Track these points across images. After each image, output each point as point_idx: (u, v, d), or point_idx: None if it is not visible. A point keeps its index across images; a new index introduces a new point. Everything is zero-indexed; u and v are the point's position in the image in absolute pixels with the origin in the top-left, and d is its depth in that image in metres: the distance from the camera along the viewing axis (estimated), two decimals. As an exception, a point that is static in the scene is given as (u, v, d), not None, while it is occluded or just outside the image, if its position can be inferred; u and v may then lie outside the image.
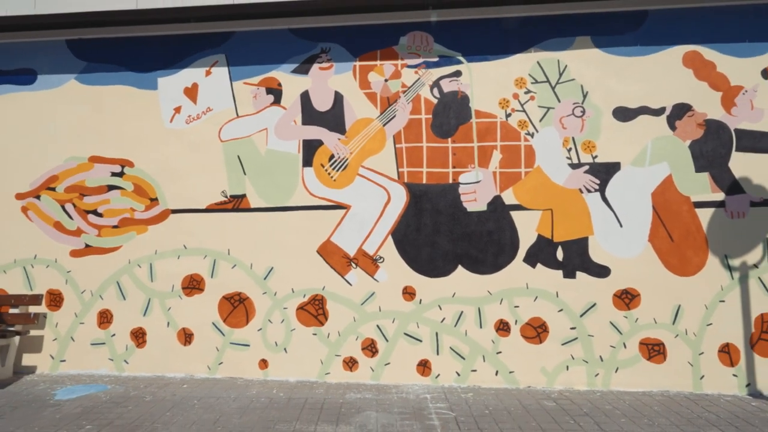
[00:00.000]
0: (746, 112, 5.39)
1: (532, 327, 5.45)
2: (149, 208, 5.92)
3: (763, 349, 5.23)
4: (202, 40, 6.00)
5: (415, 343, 5.54)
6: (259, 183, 5.82)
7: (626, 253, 5.40)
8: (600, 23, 5.60)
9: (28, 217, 6.04)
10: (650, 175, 5.44)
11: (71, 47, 6.14)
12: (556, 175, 5.54)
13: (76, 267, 5.94)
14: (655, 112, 5.48)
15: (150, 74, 6.04)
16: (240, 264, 5.77)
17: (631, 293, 5.37)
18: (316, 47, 5.89)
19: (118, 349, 5.83)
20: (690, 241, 5.35)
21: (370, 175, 5.71)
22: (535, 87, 5.63)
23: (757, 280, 5.28)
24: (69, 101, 6.10)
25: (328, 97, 5.82)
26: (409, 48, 5.80)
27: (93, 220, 5.97)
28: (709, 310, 5.29)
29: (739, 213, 5.34)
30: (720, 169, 5.39)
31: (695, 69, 5.48)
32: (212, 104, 5.95)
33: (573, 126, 5.55)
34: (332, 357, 5.60)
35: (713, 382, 5.23)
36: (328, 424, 4.25)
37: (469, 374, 5.45)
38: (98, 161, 6.02)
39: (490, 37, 5.72)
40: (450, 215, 5.59)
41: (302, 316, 5.67)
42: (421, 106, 5.73)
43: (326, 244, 5.70)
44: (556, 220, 5.49)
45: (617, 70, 5.55)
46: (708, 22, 5.49)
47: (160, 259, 5.86)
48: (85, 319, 5.89)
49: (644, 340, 5.33)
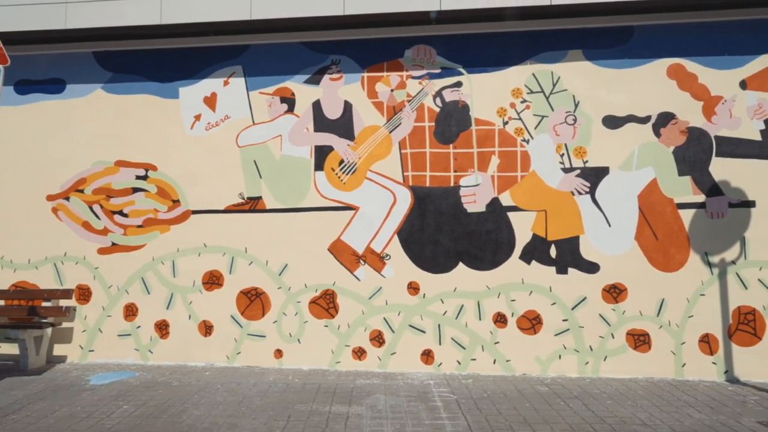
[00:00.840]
0: (725, 121, 5.83)
1: (527, 319, 5.90)
2: (171, 209, 6.36)
3: (740, 339, 5.68)
4: (221, 53, 6.44)
5: (419, 334, 5.99)
6: (274, 186, 6.26)
7: (614, 251, 5.85)
8: (590, 38, 6.04)
9: (58, 218, 6.48)
10: (636, 179, 5.88)
11: (98, 59, 6.58)
12: (549, 178, 5.98)
13: (104, 264, 6.39)
14: (642, 120, 5.92)
15: (172, 84, 6.48)
16: (256, 261, 6.21)
17: (618, 288, 5.82)
18: (327, 59, 6.33)
19: (143, 340, 6.27)
20: (673, 240, 5.80)
21: (378, 178, 6.15)
22: (531, 97, 6.07)
23: (735, 275, 5.73)
24: (96, 109, 6.54)
25: (338, 106, 6.26)
26: (413, 60, 6.24)
27: (119, 220, 6.41)
28: (691, 303, 5.73)
29: (718, 213, 5.78)
30: (701, 173, 5.83)
31: (678, 80, 5.92)
32: (230, 112, 6.39)
33: (565, 133, 5.99)
34: (342, 347, 6.05)
35: (694, 369, 5.67)
36: (341, 405, 4.70)
37: (469, 363, 5.90)
38: (124, 165, 6.46)
39: (489, 51, 6.16)
40: (451, 216, 6.04)
41: (314, 309, 6.12)
42: (425, 115, 6.17)
43: (337, 243, 6.14)
44: (550, 220, 5.94)
45: (606, 81, 6.00)
46: (690, 37, 5.93)
47: (182, 256, 6.30)
48: (112, 312, 6.33)
49: (631, 331, 5.78)
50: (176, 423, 4.21)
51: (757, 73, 5.83)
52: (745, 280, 5.70)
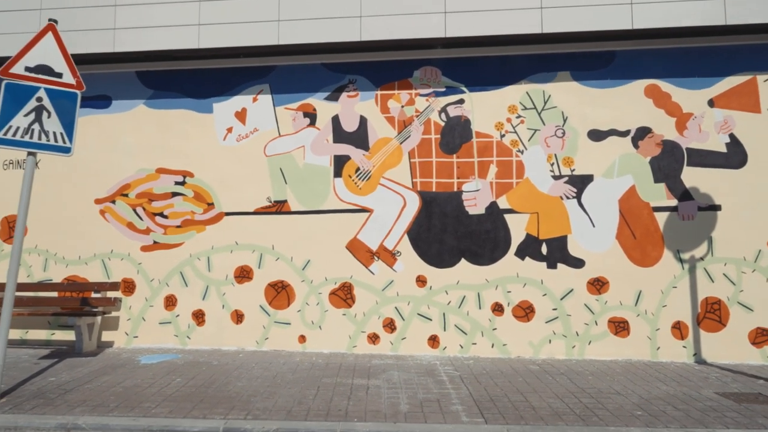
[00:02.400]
0: (695, 135, 6.65)
1: (521, 308, 6.71)
2: (207, 211, 7.18)
3: (707, 326, 6.48)
4: (250, 73, 7.26)
5: (426, 321, 6.80)
6: (297, 190, 7.07)
7: (598, 248, 6.66)
8: (577, 61, 6.86)
9: (105, 219, 7.29)
10: (617, 185, 6.70)
11: (140, 77, 7.41)
12: (541, 184, 6.79)
13: (146, 260, 7.20)
14: (622, 133, 6.74)
15: (206, 100, 7.30)
16: (282, 257, 7.03)
17: (601, 281, 6.63)
18: (345, 79, 7.15)
19: (182, 327, 7.08)
20: (649, 239, 6.61)
21: (390, 184, 6.96)
22: (525, 113, 6.89)
23: (703, 270, 6.53)
24: (139, 122, 7.36)
25: (355, 120, 7.08)
26: (421, 80, 7.06)
27: (160, 221, 7.23)
28: (664, 294, 6.54)
29: (689, 216, 6.59)
30: (674, 180, 6.64)
31: (654, 99, 6.73)
32: (258, 125, 7.21)
33: (555, 145, 6.81)
34: (359, 333, 6.86)
35: (667, 352, 6.48)
36: (361, 378, 5.51)
37: (470, 347, 6.71)
38: (164, 172, 7.28)
39: (488, 72, 6.97)
40: (455, 217, 6.85)
41: (334, 299, 6.93)
42: (431, 128, 6.99)
43: (353, 241, 6.96)
44: (541, 221, 6.75)
45: (591, 99, 6.81)
46: (664, 61, 6.74)
47: (216, 253, 7.12)
48: (154, 302, 7.15)
49: (612, 319, 6.59)
50: (225, 391, 5.02)
51: (723, 92, 6.64)
52: (712, 274, 6.51)
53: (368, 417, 4.31)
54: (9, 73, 4.82)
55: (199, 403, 4.65)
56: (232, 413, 4.37)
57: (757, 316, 6.43)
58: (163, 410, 4.43)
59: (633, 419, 4.35)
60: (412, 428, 4.09)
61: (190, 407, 4.52)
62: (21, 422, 4.11)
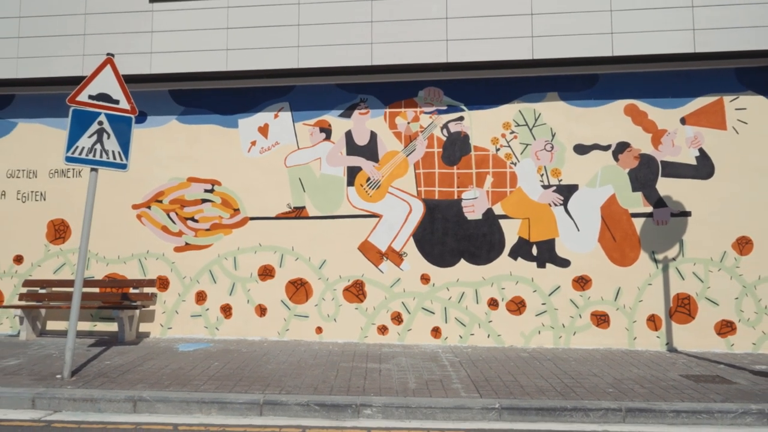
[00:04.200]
0: (669, 149, 7.49)
1: (514, 303, 7.55)
2: (233, 216, 8.02)
3: (678, 318, 7.33)
4: (272, 92, 8.10)
5: (429, 314, 7.65)
6: (314, 198, 7.92)
7: (582, 250, 7.50)
8: (564, 83, 7.69)
9: (142, 222, 8.14)
10: (599, 194, 7.54)
11: (173, 95, 8.24)
12: (532, 193, 7.63)
13: (179, 259, 8.05)
14: (604, 148, 7.57)
15: (232, 116, 8.13)
16: (301, 257, 7.87)
17: (585, 278, 7.47)
18: (357, 98, 7.99)
19: (211, 320, 7.93)
20: (627, 241, 7.45)
21: (397, 192, 7.80)
22: (518, 129, 7.73)
23: (675, 269, 7.38)
24: (171, 136, 8.20)
25: (366, 135, 7.92)
26: (425, 99, 7.89)
27: (191, 224, 8.07)
28: (641, 290, 7.39)
29: (663, 221, 7.43)
30: (650, 189, 7.48)
31: (632, 117, 7.57)
32: (279, 139, 8.04)
33: (544, 158, 7.64)
34: (369, 325, 7.70)
35: (642, 341, 7.33)
36: (374, 363, 6.36)
37: (468, 337, 7.55)
38: (194, 181, 8.12)
39: (485, 92, 7.81)
40: (455, 222, 7.69)
41: (347, 295, 7.78)
42: (434, 142, 7.83)
43: (365, 243, 7.80)
44: (532, 226, 7.59)
45: (577, 117, 7.65)
46: (642, 83, 7.58)
47: (242, 253, 7.96)
48: (186, 297, 7.99)
49: (594, 312, 7.43)
50: (258, 372, 5.87)
51: (693, 111, 7.48)
52: (683, 272, 7.36)
53: (383, 392, 5.16)
54: (75, 101, 5.66)
55: (238, 381, 5.50)
56: (268, 389, 5.22)
57: (722, 309, 7.27)
58: (210, 386, 5.28)
59: (605, 395, 5.19)
60: (419, 401, 4.93)
61: (232, 384, 5.37)
62: (96, 395, 4.96)
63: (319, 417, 4.81)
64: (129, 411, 4.90)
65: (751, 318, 7.22)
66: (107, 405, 4.92)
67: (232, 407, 4.86)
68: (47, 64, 7.99)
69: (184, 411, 4.89)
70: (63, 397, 4.96)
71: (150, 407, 4.90)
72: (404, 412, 4.82)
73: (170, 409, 4.89)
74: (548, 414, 4.83)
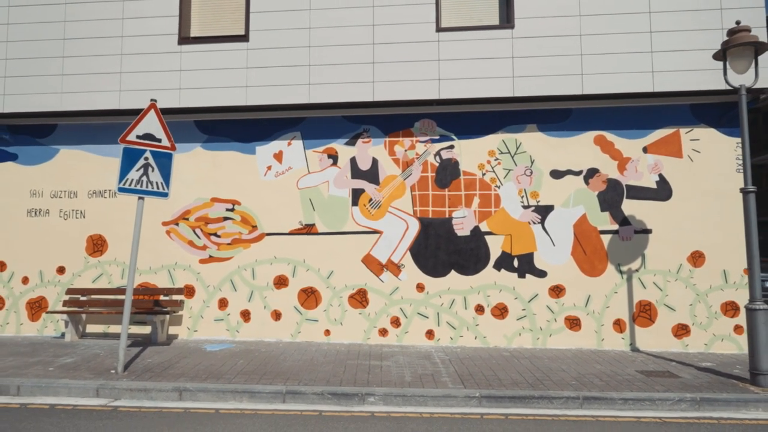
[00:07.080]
0: (632, 174, 8.58)
1: (498, 309, 8.64)
2: (251, 232, 9.11)
3: (640, 322, 8.42)
4: (285, 122, 9.19)
5: (424, 319, 8.73)
6: (323, 216, 9.01)
7: (557, 262, 8.59)
8: (542, 116, 8.80)
9: (171, 238, 9.22)
10: (573, 213, 8.63)
11: (197, 125, 9.33)
12: (513, 212, 8.73)
13: (203, 270, 9.13)
14: (576, 173, 8.67)
15: (251, 144, 9.23)
16: (311, 269, 8.96)
17: (560, 287, 8.56)
18: (360, 128, 9.08)
19: (232, 323, 9.01)
20: (596, 255, 8.54)
21: (395, 211, 8.89)
22: (501, 156, 8.82)
23: (638, 279, 8.47)
24: (196, 161, 9.28)
25: (368, 161, 9.01)
26: (420, 129, 8.99)
27: (214, 239, 9.16)
28: (608, 298, 8.48)
29: (627, 237, 8.52)
30: (616, 210, 8.58)
31: (601, 146, 8.67)
32: (292, 164, 9.13)
33: (524, 182, 8.74)
34: (371, 328, 8.79)
35: (609, 342, 8.42)
36: (376, 360, 7.45)
37: (458, 339, 8.64)
38: (217, 201, 9.20)
39: (473, 124, 8.91)
40: (446, 238, 8.78)
41: (352, 302, 8.86)
42: (428, 168, 8.92)
43: (367, 256, 8.89)
44: (514, 241, 8.68)
45: (552, 146, 8.74)
46: (609, 117, 8.68)
47: (259, 265, 9.05)
48: (210, 304, 9.07)
49: (568, 317, 8.52)
50: (278, 368, 6.95)
51: (654, 142, 8.58)
52: (645, 282, 8.45)
53: (383, 384, 6.24)
54: (126, 140, 6.75)
55: (263, 375, 6.58)
56: (288, 381, 6.30)
57: (678, 314, 8.36)
58: (239, 379, 6.36)
59: (567, 386, 6.27)
60: (414, 391, 6.01)
61: (258, 378, 6.45)
62: (148, 386, 6.04)
63: (331, 403, 5.89)
64: (176, 399, 5.98)
65: (703, 322, 8.31)
66: (158, 394, 6.00)
67: (260, 396, 5.95)
68: (88, 98, 9.07)
69: (221, 399, 5.97)
70: (121, 388, 6.04)
71: (193, 396, 5.99)
72: (401, 400, 5.91)
73: (210, 398, 5.98)
74: (519, 401, 5.92)
